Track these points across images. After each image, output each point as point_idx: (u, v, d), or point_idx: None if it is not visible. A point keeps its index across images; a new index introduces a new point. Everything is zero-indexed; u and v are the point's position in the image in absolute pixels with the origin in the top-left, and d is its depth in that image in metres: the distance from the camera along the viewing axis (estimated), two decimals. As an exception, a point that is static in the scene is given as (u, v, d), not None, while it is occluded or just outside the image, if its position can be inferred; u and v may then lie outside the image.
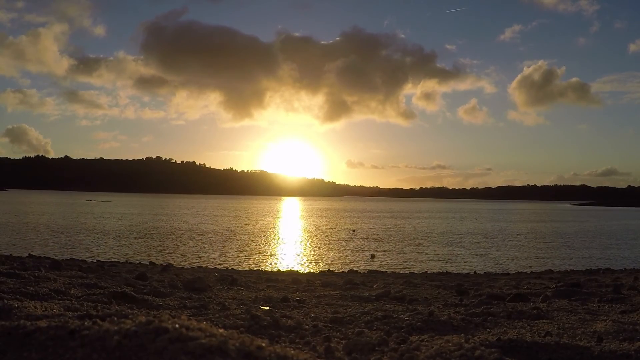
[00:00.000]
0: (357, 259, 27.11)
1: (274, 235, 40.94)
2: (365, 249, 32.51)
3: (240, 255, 26.78)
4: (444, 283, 10.54)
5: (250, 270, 17.69)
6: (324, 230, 48.39)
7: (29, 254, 19.14)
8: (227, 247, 30.02)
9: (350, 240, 37.16)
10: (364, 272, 17.19)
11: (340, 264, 24.12)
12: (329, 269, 19.84)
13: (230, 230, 43.14)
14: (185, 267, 17.21)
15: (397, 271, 19.20)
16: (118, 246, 28.63)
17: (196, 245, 30.59)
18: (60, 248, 26.48)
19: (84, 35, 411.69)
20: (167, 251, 26.99)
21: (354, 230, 49.08)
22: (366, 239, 38.73)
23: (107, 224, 45.69)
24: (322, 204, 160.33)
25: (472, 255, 28.53)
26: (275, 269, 20.43)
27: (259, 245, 32.31)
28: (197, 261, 22.45)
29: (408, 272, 18.96)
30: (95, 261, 11.22)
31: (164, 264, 15.96)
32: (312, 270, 20.11)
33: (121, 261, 18.12)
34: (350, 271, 18.05)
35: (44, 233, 34.83)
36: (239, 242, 33.75)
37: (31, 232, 35.35)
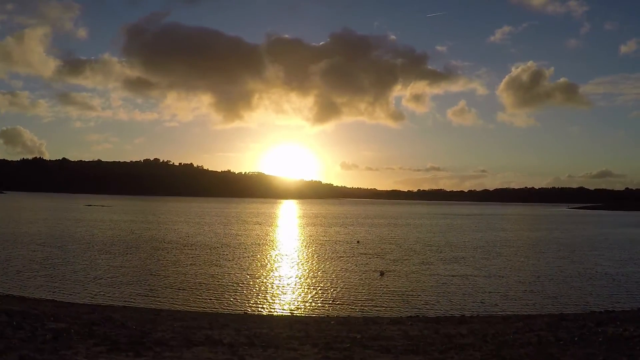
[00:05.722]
0: (364, 278, 26.56)
1: (277, 254, 40.29)
2: (372, 264, 32.08)
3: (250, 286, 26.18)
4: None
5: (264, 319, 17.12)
6: (328, 241, 47.41)
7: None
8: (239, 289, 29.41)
9: (355, 256, 36.46)
10: (373, 319, 16.65)
11: (347, 288, 23.86)
12: (337, 315, 18.36)
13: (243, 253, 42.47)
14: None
15: (403, 313, 18.80)
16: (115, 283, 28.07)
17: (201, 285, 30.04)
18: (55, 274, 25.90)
19: (67, 38, 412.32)
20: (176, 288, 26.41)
21: (358, 242, 48.28)
22: (370, 254, 37.94)
23: (109, 240, 45.02)
24: (323, 208, 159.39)
25: (477, 280, 27.70)
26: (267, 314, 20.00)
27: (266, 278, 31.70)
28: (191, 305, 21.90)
29: (416, 313, 18.72)
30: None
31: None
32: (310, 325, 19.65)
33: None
34: (367, 320, 17.52)
35: (42, 254, 34.20)
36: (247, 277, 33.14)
37: (28, 253, 34.71)
